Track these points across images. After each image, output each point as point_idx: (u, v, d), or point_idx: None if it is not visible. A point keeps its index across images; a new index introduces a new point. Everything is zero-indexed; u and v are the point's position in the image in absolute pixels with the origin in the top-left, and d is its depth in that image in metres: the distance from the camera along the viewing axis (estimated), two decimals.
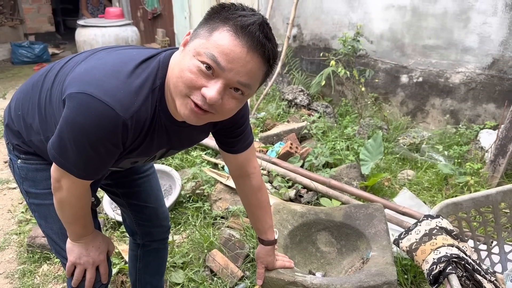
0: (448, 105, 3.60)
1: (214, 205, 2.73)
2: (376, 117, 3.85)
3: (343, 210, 2.04)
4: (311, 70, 4.58)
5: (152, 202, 1.61)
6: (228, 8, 0.97)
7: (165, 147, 1.23)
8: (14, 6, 7.17)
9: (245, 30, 0.93)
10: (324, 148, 3.13)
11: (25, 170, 1.29)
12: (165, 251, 1.78)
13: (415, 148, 3.44)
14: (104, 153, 1.05)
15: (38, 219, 1.35)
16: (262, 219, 1.53)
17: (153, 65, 1.06)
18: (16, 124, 1.26)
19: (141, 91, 1.02)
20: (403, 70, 3.81)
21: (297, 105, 4.21)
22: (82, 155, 1.05)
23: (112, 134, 1.00)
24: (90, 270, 1.32)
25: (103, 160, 1.08)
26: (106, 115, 0.97)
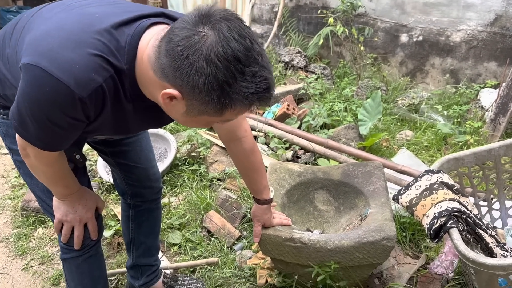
0: (448, 64, 3.51)
1: (210, 168, 2.69)
2: (374, 78, 3.76)
3: (341, 169, 2.00)
4: (308, 31, 4.45)
5: (142, 162, 1.56)
6: (230, 77, 0.86)
7: (141, 126, 1.20)
8: None
9: (258, 104, 0.92)
10: (322, 109, 3.06)
11: (5, 126, 1.24)
12: (157, 212, 1.74)
13: (414, 109, 3.38)
14: (67, 127, 0.99)
15: (24, 176, 1.32)
16: (256, 180, 1.50)
17: (118, 43, 0.95)
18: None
19: (101, 70, 0.93)
20: (402, 29, 3.70)
21: (294, 67, 4.12)
22: (43, 129, 0.99)
23: (70, 109, 0.94)
24: (78, 227, 1.31)
25: (66, 134, 1.03)
26: (61, 92, 0.91)
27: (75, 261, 1.40)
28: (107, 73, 0.94)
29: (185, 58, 0.85)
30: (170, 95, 0.90)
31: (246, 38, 0.86)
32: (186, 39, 0.86)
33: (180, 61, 0.86)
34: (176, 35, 0.87)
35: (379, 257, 1.51)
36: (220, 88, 0.86)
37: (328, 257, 1.53)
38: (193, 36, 0.85)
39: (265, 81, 0.89)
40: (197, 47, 0.84)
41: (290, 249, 1.56)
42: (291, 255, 1.58)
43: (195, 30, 0.86)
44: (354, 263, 1.53)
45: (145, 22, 1.00)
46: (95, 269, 1.46)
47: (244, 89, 0.87)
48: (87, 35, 0.93)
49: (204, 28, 0.86)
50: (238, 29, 0.87)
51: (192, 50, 0.84)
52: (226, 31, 0.85)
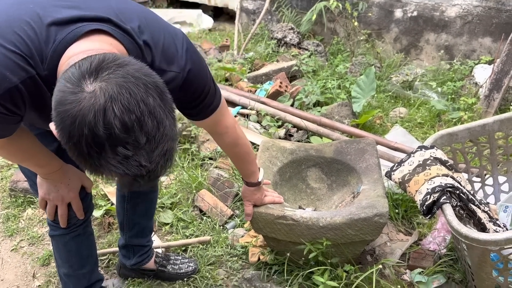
0: (443, 40, 3.46)
1: (202, 147, 2.66)
2: (368, 54, 3.71)
3: (333, 146, 1.97)
4: (302, 7, 4.36)
5: None
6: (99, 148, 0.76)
7: None
8: None
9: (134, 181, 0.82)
10: (315, 87, 3.02)
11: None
12: (154, 194, 1.72)
13: (408, 86, 3.34)
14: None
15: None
16: (243, 167, 1.49)
17: (43, 45, 0.86)
18: None
19: (18, 70, 0.85)
20: (397, 4, 3.64)
21: (286, 44, 4.04)
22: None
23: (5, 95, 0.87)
24: (61, 206, 1.29)
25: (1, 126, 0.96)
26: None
27: (62, 239, 1.39)
28: (25, 74, 0.86)
29: (56, 114, 0.76)
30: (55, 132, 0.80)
31: (133, 112, 0.73)
32: (62, 93, 0.75)
33: (54, 111, 0.77)
34: (62, 80, 0.77)
35: (371, 234, 1.50)
36: (84, 159, 0.77)
37: (320, 234, 1.51)
38: (70, 95, 0.74)
39: (139, 167, 0.77)
40: (67, 108, 0.74)
41: (282, 226, 1.55)
42: (283, 233, 1.57)
43: (77, 85, 0.75)
44: (346, 240, 1.52)
45: (83, 27, 0.89)
46: (83, 248, 1.44)
47: (112, 167, 0.77)
48: (9, 29, 0.85)
49: (87, 83, 0.74)
50: (128, 95, 0.73)
51: (63, 108, 0.74)
52: (109, 96, 0.73)
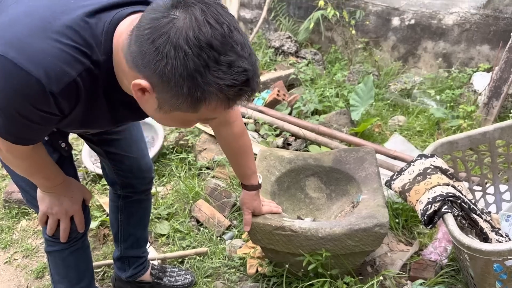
0: (440, 48, 3.46)
1: (199, 156, 2.63)
2: (366, 63, 3.70)
3: (332, 155, 1.95)
4: (299, 16, 4.36)
5: (134, 152, 1.49)
6: (202, 67, 0.77)
7: (120, 119, 1.11)
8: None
9: (238, 98, 0.83)
10: (313, 95, 3.00)
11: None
12: (148, 202, 1.69)
13: (406, 94, 3.33)
14: (39, 121, 0.92)
15: (5, 166, 1.24)
16: (245, 164, 1.45)
17: (94, 32, 0.87)
18: None
19: (75, 63, 0.86)
20: (394, 12, 3.64)
21: (284, 52, 4.04)
22: (13, 123, 0.92)
23: (41, 104, 0.87)
24: (64, 220, 1.25)
25: (39, 127, 0.95)
26: (31, 86, 0.83)
27: (61, 254, 1.35)
28: (81, 66, 0.86)
29: (151, 42, 0.77)
30: (140, 86, 0.82)
31: (224, 24, 0.77)
32: (153, 21, 0.77)
33: (146, 46, 0.78)
34: (145, 19, 0.80)
35: (371, 244, 1.47)
36: (190, 78, 0.77)
37: (320, 245, 1.48)
38: (161, 18, 0.77)
39: (244, 73, 0.79)
40: (163, 31, 0.76)
41: (281, 237, 1.52)
42: (282, 244, 1.53)
43: (165, 13, 0.78)
44: (346, 250, 1.49)
45: (125, 10, 0.91)
46: (81, 262, 1.41)
47: (219, 80, 0.77)
48: (60, 23, 0.85)
49: (176, 11, 0.77)
50: (215, 14, 0.78)
51: (158, 33, 0.76)
52: (200, 15, 0.76)
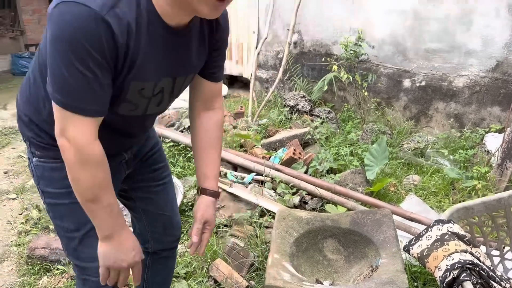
0: (452, 109, 3.56)
1: (217, 213, 2.68)
2: (379, 122, 3.80)
3: (350, 217, 1.99)
4: (313, 76, 4.55)
5: (168, 210, 1.56)
6: None
7: (167, 70, 1.14)
8: (14, 18, 7.18)
9: None
10: (328, 154, 3.08)
11: (41, 169, 1.24)
12: (173, 260, 1.73)
13: (420, 153, 3.39)
14: (96, 69, 0.97)
15: (54, 220, 1.29)
16: (212, 162, 1.39)
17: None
18: (24, 110, 1.24)
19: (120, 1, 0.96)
20: (405, 75, 3.78)
21: (299, 111, 4.18)
22: (74, 78, 0.97)
23: (94, 35, 0.93)
24: (125, 273, 1.19)
25: (98, 80, 0.99)
26: (82, 14, 0.91)
27: None
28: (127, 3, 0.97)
29: None
30: None
31: None
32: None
33: None
34: None
35: None
36: None
37: None
38: None
39: None
40: None
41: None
42: None
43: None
44: None
45: None
46: None
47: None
48: None
49: None
50: None
51: None
52: None
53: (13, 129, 4.62)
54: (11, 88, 6.07)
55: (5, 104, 5.40)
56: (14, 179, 3.63)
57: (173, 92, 1.23)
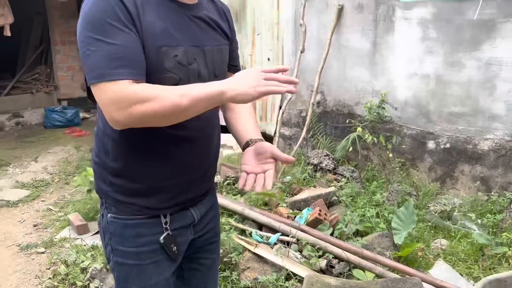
0: (478, 171, 3.55)
1: (242, 275, 2.68)
2: (404, 183, 3.81)
3: (379, 285, 1.97)
4: (336, 135, 4.62)
5: (212, 285, 1.58)
6: None
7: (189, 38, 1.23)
8: (50, 74, 7.60)
9: None
10: (354, 215, 3.08)
11: (115, 226, 1.29)
12: None
13: (446, 216, 3.36)
14: (119, 35, 1.08)
15: (117, 280, 1.32)
16: (252, 125, 1.42)
17: None
18: (96, 156, 1.32)
19: None
20: (429, 136, 3.82)
21: (322, 169, 4.22)
22: (102, 49, 1.06)
23: (108, 8, 1.08)
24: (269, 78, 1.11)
25: (124, 44, 1.08)
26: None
27: None
28: None
29: None
30: None
31: None
32: None
33: None
34: None
35: None
36: None
37: None
38: None
39: None
40: None
41: None
42: None
43: None
44: None
45: None
46: None
47: None
48: None
49: None
50: None
51: None
52: None
53: (44, 181, 4.78)
54: (43, 141, 6.31)
55: (36, 156, 5.60)
56: (42, 232, 3.71)
57: (207, 65, 1.28)
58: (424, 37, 3.73)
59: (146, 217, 1.28)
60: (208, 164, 1.41)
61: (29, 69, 7.66)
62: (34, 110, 7.26)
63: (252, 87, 1.08)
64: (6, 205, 4.21)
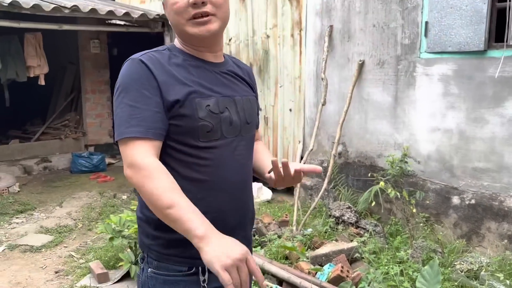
0: (505, 229, 3.45)
1: None
2: (429, 239, 3.72)
3: None
4: (358, 186, 4.60)
5: None
6: None
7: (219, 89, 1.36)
8: (79, 121, 7.88)
9: None
10: (377, 273, 3.01)
11: (154, 281, 1.33)
12: None
13: (473, 275, 3.24)
14: (142, 98, 1.23)
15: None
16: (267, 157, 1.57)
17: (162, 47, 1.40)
18: (142, 217, 1.37)
19: (151, 50, 1.33)
20: (453, 191, 3.77)
21: (344, 222, 4.17)
22: (125, 110, 1.23)
23: (136, 71, 1.25)
24: (243, 267, 1.06)
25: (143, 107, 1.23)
26: (127, 63, 1.29)
27: None
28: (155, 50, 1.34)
29: None
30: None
31: None
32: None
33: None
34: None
35: None
36: None
37: None
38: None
39: None
40: None
41: None
42: None
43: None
44: None
45: None
46: None
47: None
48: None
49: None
50: None
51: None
52: None
53: (67, 227, 4.85)
54: (68, 186, 6.46)
55: (61, 201, 5.71)
56: (63, 279, 3.74)
57: (238, 113, 1.39)
58: (446, 93, 3.76)
59: (185, 274, 1.32)
60: (246, 212, 1.48)
61: (60, 115, 7.98)
62: (61, 155, 7.49)
63: (223, 259, 1.04)
64: (29, 250, 4.27)
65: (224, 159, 1.35)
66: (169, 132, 1.27)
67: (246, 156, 1.45)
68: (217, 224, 1.30)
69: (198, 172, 1.31)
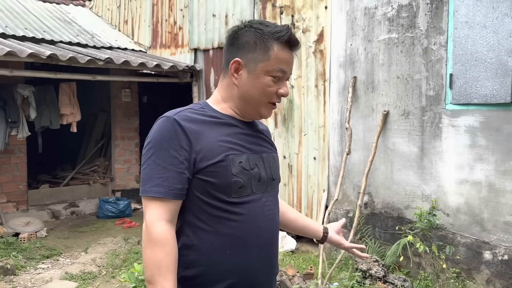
0: None
1: None
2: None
3: None
4: (385, 239, 4.49)
5: None
6: (258, 29, 1.37)
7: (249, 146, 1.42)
8: (107, 166, 8.08)
9: (289, 42, 1.37)
10: None
11: None
12: None
13: None
14: (169, 158, 1.29)
15: None
16: (304, 218, 1.73)
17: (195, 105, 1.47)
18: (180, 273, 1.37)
19: (185, 108, 1.39)
20: (485, 246, 3.63)
21: (372, 276, 4.04)
22: (151, 168, 1.29)
23: (168, 130, 1.30)
24: None
25: (168, 167, 1.28)
26: (161, 120, 1.35)
27: None
28: (187, 108, 1.40)
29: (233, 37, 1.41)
30: (235, 62, 1.37)
31: None
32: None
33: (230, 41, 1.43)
34: None
35: None
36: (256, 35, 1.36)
37: None
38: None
39: (283, 26, 1.38)
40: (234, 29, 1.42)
41: None
42: None
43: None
44: None
45: None
46: None
47: (270, 29, 1.36)
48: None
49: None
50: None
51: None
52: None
53: (92, 274, 4.86)
54: (94, 231, 6.53)
55: (87, 247, 5.76)
56: None
57: (266, 169, 1.45)
58: (473, 144, 3.72)
59: None
60: (274, 268, 1.49)
61: (89, 161, 8.20)
62: (89, 200, 7.63)
63: None
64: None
65: (255, 215, 1.39)
66: (201, 187, 1.32)
67: (275, 211, 1.49)
68: (247, 281, 1.32)
69: (229, 227, 1.33)
